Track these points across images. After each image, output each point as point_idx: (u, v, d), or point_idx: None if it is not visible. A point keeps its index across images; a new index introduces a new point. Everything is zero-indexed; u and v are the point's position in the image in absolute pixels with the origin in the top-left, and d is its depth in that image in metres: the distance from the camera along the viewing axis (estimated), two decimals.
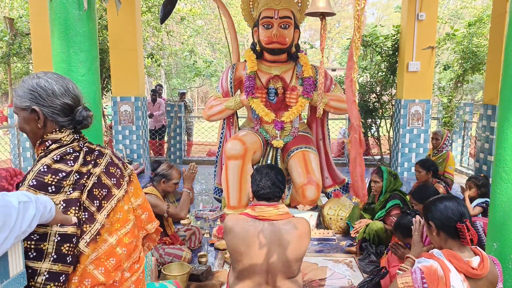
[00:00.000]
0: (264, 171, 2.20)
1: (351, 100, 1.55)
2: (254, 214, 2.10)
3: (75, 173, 1.33)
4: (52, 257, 1.23)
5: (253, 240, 2.03)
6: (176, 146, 8.03)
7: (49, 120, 1.37)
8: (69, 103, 1.38)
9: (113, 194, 1.44)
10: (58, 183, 1.29)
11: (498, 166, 2.20)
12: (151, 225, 1.67)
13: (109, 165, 1.48)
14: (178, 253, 3.30)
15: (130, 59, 6.64)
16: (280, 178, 2.19)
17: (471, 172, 6.95)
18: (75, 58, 2.25)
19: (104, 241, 1.38)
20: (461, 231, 1.78)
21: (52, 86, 1.36)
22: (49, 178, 1.27)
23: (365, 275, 3.25)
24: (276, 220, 2.08)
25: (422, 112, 6.64)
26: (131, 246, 1.47)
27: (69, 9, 2.19)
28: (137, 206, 1.60)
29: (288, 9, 4.24)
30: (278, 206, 2.13)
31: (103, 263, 1.37)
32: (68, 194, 1.30)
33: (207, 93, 20.73)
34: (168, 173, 3.44)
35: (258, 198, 2.18)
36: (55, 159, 1.32)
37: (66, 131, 1.39)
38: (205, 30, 14.07)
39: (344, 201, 4.42)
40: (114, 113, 6.96)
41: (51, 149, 1.36)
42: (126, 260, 1.45)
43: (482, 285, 1.75)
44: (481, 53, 7.23)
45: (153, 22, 8.65)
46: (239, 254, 2.05)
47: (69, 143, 1.38)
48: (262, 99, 4.34)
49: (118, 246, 1.42)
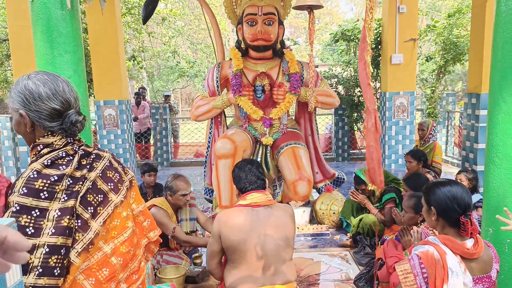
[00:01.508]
0: (246, 168, 2.31)
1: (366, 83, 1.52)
2: (247, 203, 2.19)
3: (67, 177, 1.25)
4: (38, 271, 1.16)
5: (249, 225, 2.11)
6: (163, 148, 7.94)
7: (38, 124, 1.29)
8: (57, 108, 1.29)
9: (110, 200, 1.35)
10: (50, 188, 1.22)
11: (490, 152, 2.23)
12: (153, 233, 1.58)
13: (107, 169, 1.40)
14: (177, 261, 3.22)
15: (112, 62, 6.52)
16: (261, 171, 2.34)
17: (457, 161, 7.06)
18: (60, 60, 2.18)
19: (98, 249, 1.30)
20: (463, 225, 1.77)
21: (39, 89, 1.27)
22: (39, 183, 1.20)
23: (361, 267, 3.26)
24: (267, 205, 2.20)
25: (407, 104, 6.72)
26: (128, 256, 1.39)
27: (52, 9, 2.12)
28: (138, 213, 1.52)
29: (272, 5, 4.22)
30: (266, 193, 2.27)
31: (94, 273, 1.29)
32: (63, 202, 1.23)
33: (191, 94, 20.59)
34: (172, 185, 3.19)
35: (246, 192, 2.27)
36: (45, 164, 1.25)
37: (58, 135, 1.31)
38: (186, 31, 13.95)
39: (336, 195, 4.44)
40: (98, 118, 6.82)
41: (42, 154, 1.29)
42: (121, 271, 1.36)
43: (478, 265, 1.78)
44: (462, 43, 7.35)
45: (133, 23, 8.52)
46: (236, 242, 2.09)
47: (61, 147, 1.31)
48: (249, 97, 4.31)
49: (114, 256, 1.34)
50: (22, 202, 1.18)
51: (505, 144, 2.14)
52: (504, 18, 2.16)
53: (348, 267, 3.35)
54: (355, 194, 3.88)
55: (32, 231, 1.18)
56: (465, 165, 5.58)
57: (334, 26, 25.55)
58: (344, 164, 7.65)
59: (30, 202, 1.19)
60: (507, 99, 2.14)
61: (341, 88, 8.04)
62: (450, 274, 1.72)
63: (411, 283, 1.77)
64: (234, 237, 2.10)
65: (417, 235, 2.37)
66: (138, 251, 1.47)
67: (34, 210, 1.19)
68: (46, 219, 1.20)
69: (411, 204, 2.96)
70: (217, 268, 2.28)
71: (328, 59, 17.55)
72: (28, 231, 1.18)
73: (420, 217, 2.95)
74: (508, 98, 2.14)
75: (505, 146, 2.14)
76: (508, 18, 2.13)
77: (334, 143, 7.95)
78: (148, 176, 4.42)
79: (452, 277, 1.72)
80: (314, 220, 4.35)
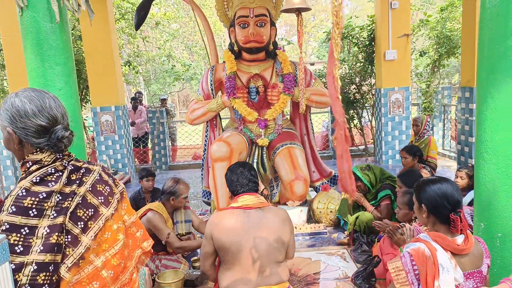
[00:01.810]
0: (237, 170, 2.34)
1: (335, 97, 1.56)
2: (238, 205, 2.22)
3: (56, 194, 1.26)
4: None
5: (241, 228, 2.14)
6: (161, 152, 7.96)
7: (24, 141, 1.31)
8: (43, 124, 1.30)
9: (101, 213, 1.36)
10: (39, 205, 1.22)
11: (479, 147, 2.25)
12: (147, 243, 1.59)
13: (97, 182, 1.40)
14: (176, 265, 3.25)
15: (107, 68, 6.54)
16: (254, 173, 2.36)
17: (454, 155, 7.08)
18: (50, 72, 2.20)
19: (89, 263, 1.31)
20: (453, 221, 1.80)
21: (25, 107, 1.28)
22: (28, 201, 1.21)
23: (359, 265, 3.29)
24: (259, 207, 2.23)
25: (402, 99, 6.74)
26: (119, 268, 1.39)
27: (41, 22, 2.14)
28: (131, 224, 1.53)
29: (263, 7, 4.24)
30: (258, 195, 2.29)
31: (84, 286, 1.30)
32: (52, 219, 1.23)
33: (187, 97, 20.60)
34: (176, 189, 3.34)
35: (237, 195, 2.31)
36: (34, 181, 1.26)
37: (46, 151, 1.32)
38: (181, 33, 13.96)
39: (333, 194, 4.46)
40: (95, 124, 6.85)
41: (31, 171, 1.30)
42: (112, 284, 1.36)
43: (469, 260, 1.80)
44: (455, 37, 7.37)
45: (127, 29, 8.54)
46: (228, 244, 2.13)
47: (50, 163, 1.32)
48: (244, 99, 4.33)
49: (104, 269, 1.34)
50: (11, 220, 1.19)
51: (493, 139, 2.16)
52: (489, 14, 2.17)
53: (346, 265, 3.38)
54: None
55: (21, 249, 1.19)
56: (461, 158, 5.61)
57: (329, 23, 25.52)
58: None
59: (19, 221, 1.20)
60: (495, 95, 2.16)
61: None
62: (441, 270, 1.75)
63: (403, 280, 1.80)
64: (226, 238, 2.14)
65: (409, 232, 2.41)
66: (130, 263, 1.47)
67: (23, 228, 1.20)
68: (35, 236, 1.21)
69: (405, 201, 2.99)
70: (211, 269, 2.32)
71: (324, 56, 17.55)
72: (17, 249, 1.19)
73: (414, 214, 2.98)
74: (495, 94, 2.16)
75: (494, 142, 2.16)
76: (493, 15, 2.15)
77: (331, 141, 7.97)
78: (146, 181, 4.44)
79: (443, 273, 1.75)
80: (312, 219, 4.38)
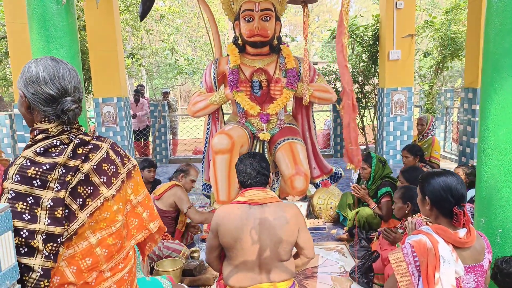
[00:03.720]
0: (247, 161, 2.22)
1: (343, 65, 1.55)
2: (244, 200, 2.13)
3: (60, 166, 1.26)
4: (44, 254, 1.19)
5: (246, 224, 2.06)
6: (161, 145, 7.96)
7: (33, 106, 1.33)
8: (51, 93, 1.31)
9: (100, 193, 1.34)
10: (42, 176, 1.22)
11: (482, 142, 2.25)
12: (153, 224, 1.56)
13: (103, 161, 1.38)
14: (178, 248, 3.28)
15: (110, 59, 6.53)
16: (264, 165, 2.21)
17: (455, 157, 7.08)
18: (55, 54, 2.19)
19: (84, 239, 1.31)
20: (456, 215, 1.79)
21: (38, 73, 1.31)
22: (31, 171, 1.22)
23: (357, 260, 3.29)
24: (266, 203, 2.11)
25: (405, 99, 6.73)
26: (114, 248, 1.38)
27: (47, 3, 2.14)
28: (137, 204, 1.51)
29: (269, 1, 4.23)
30: (266, 190, 2.18)
31: (77, 262, 1.30)
32: (56, 191, 1.23)
33: (190, 92, 20.59)
34: (187, 169, 3.78)
35: (245, 187, 2.21)
36: (37, 151, 1.25)
37: (54, 122, 1.32)
38: (185, 28, 13.96)
39: (333, 190, 4.46)
40: (96, 115, 6.84)
41: (37, 140, 1.30)
42: (105, 262, 1.36)
43: (470, 254, 1.80)
44: (460, 39, 7.36)
45: (132, 21, 8.53)
46: (233, 240, 2.06)
47: (56, 135, 1.31)
48: (246, 93, 4.32)
49: (99, 247, 1.34)
50: (16, 189, 1.20)
51: (496, 135, 2.16)
52: (495, 10, 2.17)
53: (345, 260, 3.38)
54: (357, 188, 3.86)
55: (28, 217, 1.20)
56: (462, 159, 5.61)
57: (334, 24, 25.52)
58: (342, 160, 7.66)
59: (24, 189, 1.20)
60: (499, 91, 2.16)
61: (339, 84, 8.05)
62: (442, 262, 1.75)
63: (403, 271, 1.80)
64: (230, 234, 2.07)
65: (411, 225, 2.40)
66: (127, 243, 1.46)
67: (28, 197, 1.21)
68: (40, 207, 1.21)
69: (399, 195, 3.00)
70: (216, 261, 2.27)
71: (327, 56, 17.53)
72: (25, 217, 1.20)
73: (408, 207, 2.99)
74: (499, 90, 2.16)
75: (497, 138, 2.16)
76: (499, 10, 2.15)
77: (332, 140, 7.96)
78: (148, 172, 4.44)
79: (444, 265, 1.75)
80: (311, 214, 4.38)
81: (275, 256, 2.09)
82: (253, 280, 2.10)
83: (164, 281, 2.32)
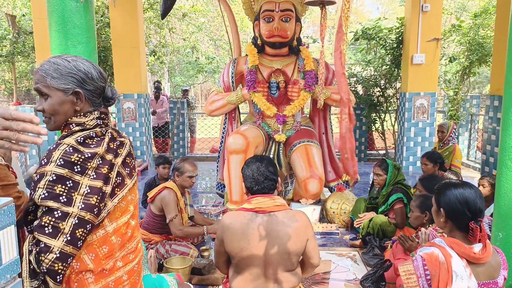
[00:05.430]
0: (254, 166, 2.11)
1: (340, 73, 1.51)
2: (251, 207, 2.04)
3: (99, 157, 1.36)
4: (66, 238, 1.27)
5: (251, 233, 1.99)
6: (179, 143, 8.02)
7: (86, 102, 1.43)
8: (103, 86, 1.47)
9: (126, 184, 1.46)
10: (83, 163, 1.32)
11: (503, 154, 2.17)
12: None
13: (128, 155, 1.51)
14: (185, 250, 3.27)
15: (132, 56, 6.63)
16: (272, 170, 2.11)
17: (478, 166, 6.87)
18: (73, 51, 2.23)
19: (102, 227, 1.39)
20: (472, 230, 1.72)
21: (91, 70, 1.43)
22: (75, 157, 1.31)
23: (369, 268, 3.22)
24: (274, 211, 2.03)
25: (427, 105, 6.57)
26: (126, 237, 1.48)
27: (66, 1, 2.18)
28: None
29: (289, 2, 4.20)
30: (274, 197, 2.08)
31: (95, 249, 1.38)
32: (92, 179, 1.33)
33: (210, 90, 20.71)
34: (180, 166, 3.41)
35: (252, 193, 2.12)
36: (78, 140, 1.35)
37: (90, 115, 1.43)
38: (208, 27, 14.04)
39: (348, 195, 4.39)
40: (117, 111, 6.96)
41: (74, 131, 1.40)
42: (119, 250, 1.46)
43: (485, 270, 1.72)
44: (488, 44, 7.12)
45: (155, 19, 8.64)
46: (238, 249, 2.00)
47: (91, 128, 1.41)
48: (263, 93, 4.31)
49: (114, 235, 1.43)
50: (59, 172, 1.28)
51: None
52: None
53: (356, 268, 3.31)
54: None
55: (64, 199, 1.28)
56: (485, 169, 5.43)
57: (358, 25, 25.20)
58: (360, 165, 7.53)
59: (66, 173, 1.29)
60: None
61: (360, 87, 7.93)
62: (455, 278, 1.68)
63: (413, 284, 1.74)
64: (235, 243, 2.01)
65: (424, 236, 2.33)
66: (137, 233, 1.56)
67: (68, 181, 1.30)
68: (77, 192, 1.31)
69: (416, 203, 2.91)
70: (223, 265, 2.23)
71: (350, 58, 17.32)
72: (62, 199, 1.28)
73: (426, 217, 2.90)
74: None
75: None
76: None
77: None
78: (163, 168, 4.47)
79: (457, 281, 1.68)
80: (325, 218, 4.32)
81: (282, 266, 2.02)
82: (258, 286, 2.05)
83: (170, 278, 2.31)
